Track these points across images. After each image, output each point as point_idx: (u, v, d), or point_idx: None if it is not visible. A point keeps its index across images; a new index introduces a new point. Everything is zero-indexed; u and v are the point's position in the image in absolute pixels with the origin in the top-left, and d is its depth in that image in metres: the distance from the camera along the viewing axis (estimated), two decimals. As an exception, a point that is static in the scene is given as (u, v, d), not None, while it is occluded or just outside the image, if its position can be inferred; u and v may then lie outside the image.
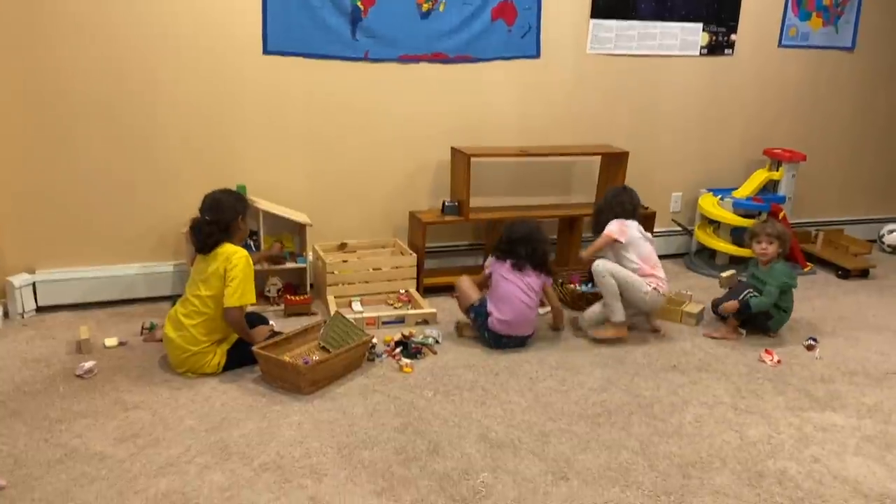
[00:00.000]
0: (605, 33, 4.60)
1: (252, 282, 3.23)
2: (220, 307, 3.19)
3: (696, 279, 4.82)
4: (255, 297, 3.26)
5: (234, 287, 3.15)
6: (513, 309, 3.56)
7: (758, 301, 3.77)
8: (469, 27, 4.28)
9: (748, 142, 5.22)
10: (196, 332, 3.17)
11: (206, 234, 3.22)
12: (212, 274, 3.18)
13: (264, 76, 3.97)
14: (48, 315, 3.82)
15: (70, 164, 3.77)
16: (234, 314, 3.20)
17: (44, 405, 2.94)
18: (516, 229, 3.71)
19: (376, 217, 4.44)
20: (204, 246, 3.23)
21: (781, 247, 3.87)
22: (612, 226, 3.80)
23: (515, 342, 3.63)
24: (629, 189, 3.98)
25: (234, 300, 3.16)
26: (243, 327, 3.27)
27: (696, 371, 3.47)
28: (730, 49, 4.95)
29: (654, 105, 4.88)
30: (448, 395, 3.15)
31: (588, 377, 3.36)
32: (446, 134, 4.41)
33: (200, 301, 3.19)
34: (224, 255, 3.19)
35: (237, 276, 3.15)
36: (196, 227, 3.25)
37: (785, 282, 3.81)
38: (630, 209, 3.87)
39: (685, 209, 5.21)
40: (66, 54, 3.62)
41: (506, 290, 3.60)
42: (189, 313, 3.20)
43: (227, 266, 3.16)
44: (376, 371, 3.34)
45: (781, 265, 3.87)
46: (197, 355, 3.18)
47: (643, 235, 3.83)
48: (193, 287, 3.25)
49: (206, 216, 3.24)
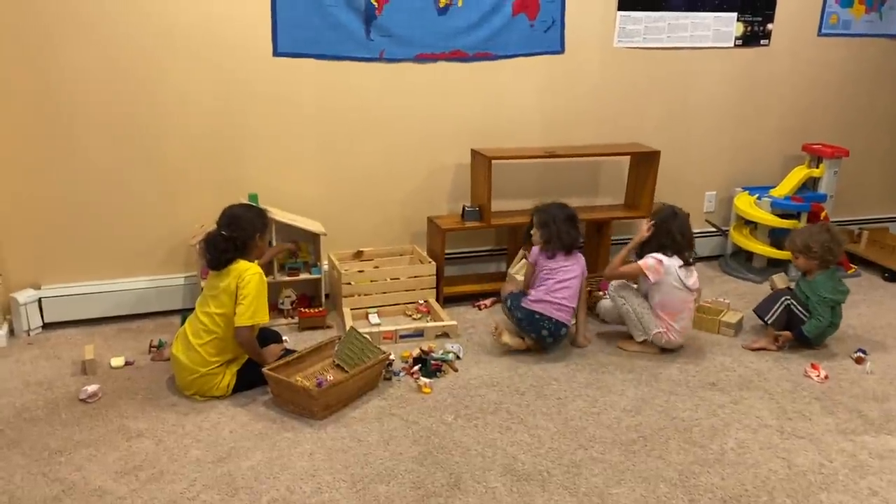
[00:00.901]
0: (634, 26, 4.35)
1: (265, 300, 3.06)
2: (230, 326, 3.01)
3: (732, 283, 4.57)
4: (267, 316, 3.09)
5: (247, 305, 2.98)
6: (555, 286, 3.46)
7: (810, 326, 3.51)
8: (489, 22, 4.05)
9: (785, 137, 4.93)
10: (205, 351, 3.01)
11: (220, 250, 3.05)
12: (223, 291, 3.01)
13: (275, 79, 3.79)
14: (54, 332, 3.68)
15: (75, 173, 3.62)
16: (246, 334, 3.02)
17: (44, 434, 2.79)
18: (557, 211, 3.55)
19: (393, 223, 4.25)
20: (218, 262, 3.06)
21: (813, 258, 3.52)
22: (650, 260, 3.45)
23: (550, 327, 3.42)
24: (680, 215, 3.54)
25: (246, 319, 2.98)
26: (254, 347, 3.10)
27: (736, 389, 3.23)
28: (766, 39, 4.67)
29: (685, 100, 4.63)
30: (470, 419, 2.94)
31: (620, 397, 3.14)
32: (465, 135, 4.20)
33: (210, 319, 3.02)
34: (236, 272, 3.02)
35: (249, 294, 2.98)
36: (211, 241, 3.08)
37: (825, 297, 3.50)
38: (680, 241, 3.47)
39: (719, 209, 4.95)
40: (69, 58, 3.46)
41: (551, 270, 3.50)
42: (197, 332, 3.04)
43: (240, 283, 2.99)
44: (393, 392, 3.15)
45: (823, 278, 3.54)
46: (205, 377, 3.01)
47: (681, 282, 3.43)
48: (203, 304, 3.08)
49: (224, 231, 3.07)
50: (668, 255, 3.47)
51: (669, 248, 3.48)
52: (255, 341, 3.09)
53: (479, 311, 4.05)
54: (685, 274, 3.47)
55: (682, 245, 3.48)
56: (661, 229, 3.50)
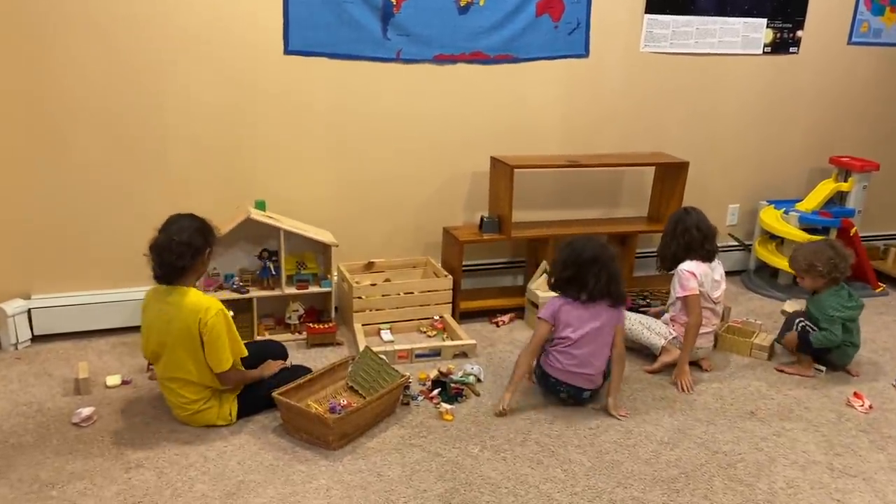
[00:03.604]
0: (661, 30, 4.15)
1: (235, 332, 2.77)
2: (201, 369, 2.71)
3: (756, 301, 4.38)
4: (244, 348, 2.81)
5: (221, 349, 2.68)
6: (581, 344, 2.94)
7: (817, 337, 3.32)
8: (511, 23, 3.84)
9: (812, 149, 4.75)
10: (186, 393, 2.75)
11: (176, 255, 2.64)
12: (180, 333, 2.66)
13: (285, 79, 3.56)
14: (44, 346, 3.43)
15: (69, 176, 3.38)
16: (230, 376, 2.76)
17: (34, 463, 2.55)
18: (582, 248, 2.98)
19: (407, 233, 4.02)
20: (172, 273, 2.69)
21: (819, 276, 3.34)
22: (691, 282, 3.29)
23: (569, 391, 3.01)
24: (693, 211, 3.43)
25: (225, 363, 2.71)
26: (243, 377, 2.85)
27: (777, 419, 3.03)
28: (795, 47, 4.48)
29: (710, 109, 4.43)
30: (497, 451, 2.72)
31: (656, 427, 2.93)
32: (484, 141, 3.98)
33: (174, 363, 2.71)
34: (193, 309, 2.64)
35: (219, 337, 2.67)
36: (163, 246, 2.66)
37: (832, 315, 3.30)
38: (697, 236, 3.34)
39: (742, 222, 4.75)
40: (63, 54, 3.22)
41: (575, 324, 2.96)
42: (168, 375, 2.75)
43: (202, 328, 2.64)
44: (412, 418, 2.92)
45: (828, 295, 3.35)
46: (200, 413, 2.77)
47: (708, 296, 3.36)
48: (152, 344, 2.74)
49: (175, 237, 2.67)
50: (693, 257, 3.36)
51: (692, 244, 3.35)
52: (240, 374, 2.84)
53: (497, 328, 3.83)
54: (711, 284, 3.37)
55: (703, 238, 3.36)
56: (678, 229, 3.39)
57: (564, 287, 3.03)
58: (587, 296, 2.96)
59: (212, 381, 2.76)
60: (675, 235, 3.40)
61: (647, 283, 4.28)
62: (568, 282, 3.01)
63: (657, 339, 3.40)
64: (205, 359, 2.70)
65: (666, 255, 3.46)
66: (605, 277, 2.95)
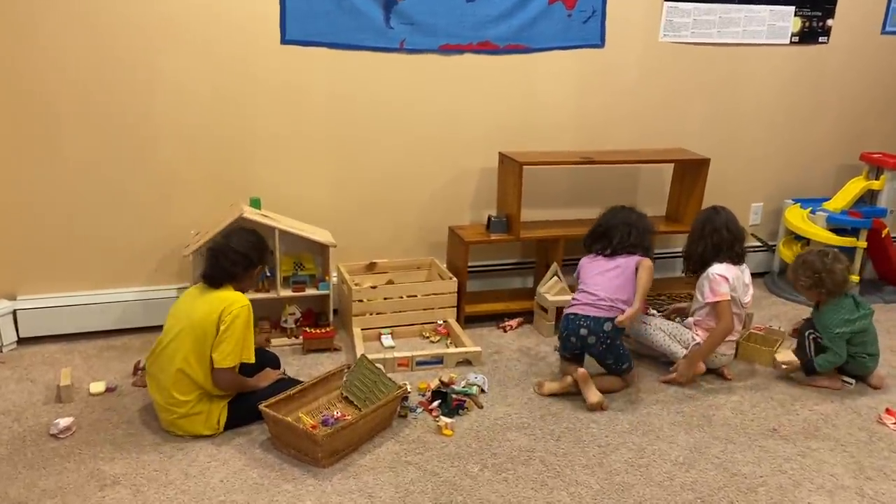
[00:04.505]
0: (681, 18, 3.92)
1: (252, 336, 2.66)
2: (202, 364, 2.58)
3: (780, 306, 4.15)
4: (252, 355, 2.67)
5: (232, 344, 2.57)
6: (593, 284, 3.10)
7: (820, 361, 3.12)
8: (522, 11, 3.63)
9: (841, 145, 4.50)
10: (176, 390, 2.60)
11: (230, 262, 2.67)
12: (200, 320, 2.57)
13: (282, 70, 3.38)
14: (30, 349, 3.30)
15: (55, 171, 3.23)
16: (227, 377, 2.62)
17: (5, 477, 2.40)
18: (614, 214, 3.26)
19: (410, 233, 3.84)
20: (221, 278, 2.66)
21: (803, 289, 3.21)
22: (722, 287, 3.14)
23: (588, 325, 3.01)
24: (723, 211, 3.29)
25: (230, 360, 2.58)
26: (239, 384, 2.71)
27: (802, 437, 2.81)
28: (824, 37, 4.23)
29: (733, 102, 4.19)
30: (499, 470, 2.53)
31: (670, 445, 2.73)
32: (493, 136, 3.78)
33: (178, 352, 2.58)
34: (222, 300, 2.60)
35: (236, 331, 2.57)
36: (220, 251, 2.68)
37: (836, 333, 3.08)
38: (727, 237, 3.20)
39: (765, 222, 4.52)
40: (47, 44, 3.07)
41: (586, 270, 3.20)
42: (162, 366, 2.63)
43: (224, 315, 2.56)
44: (410, 433, 2.74)
45: (828, 311, 3.14)
46: (187, 418, 2.61)
47: (738, 301, 3.22)
48: (172, 331, 2.64)
49: (235, 245, 2.69)
50: (721, 259, 3.20)
51: (722, 245, 3.21)
52: (237, 380, 2.69)
53: (504, 334, 3.64)
54: (742, 289, 3.22)
55: (733, 239, 3.22)
56: (707, 229, 3.24)
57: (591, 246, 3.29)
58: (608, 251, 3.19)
59: (205, 380, 2.61)
60: (704, 236, 3.24)
61: (665, 285, 4.07)
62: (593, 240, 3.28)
63: (678, 347, 3.20)
64: (210, 354, 2.57)
65: (692, 257, 3.29)
66: (626, 235, 3.18)
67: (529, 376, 3.20)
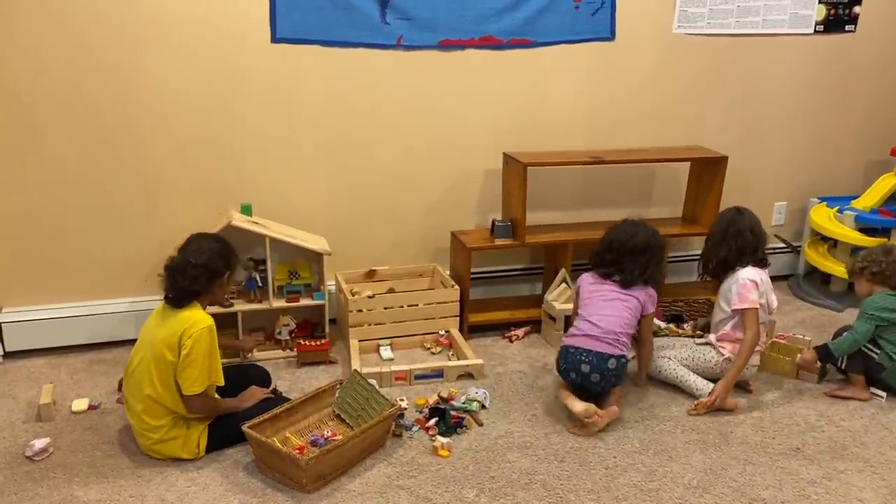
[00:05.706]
0: (697, 8, 3.70)
1: (218, 357, 2.49)
2: (169, 389, 2.44)
3: (806, 311, 3.92)
4: (222, 377, 2.52)
5: (197, 370, 2.41)
6: (598, 314, 2.86)
7: (838, 342, 2.98)
8: (527, 3, 3.45)
9: (870, 140, 4.26)
10: (148, 417, 2.46)
11: (190, 279, 2.48)
12: (163, 340, 2.42)
13: (273, 69, 3.24)
14: (15, 363, 3.18)
15: (40, 178, 3.12)
16: (197, 403, 2.48)
17: (-26, 504, 2.28)
18: (630, 235, 2.97)
19: (412, 238, 3.68)
20: (183, 296, 2.49)
21: (863, 280, 3.05)
22: (752, 294, 2.94)
23: (590, 360, 2.77)
24: (746, 212, 3.09)
25: (197, 386, 2.43)
26: (215, 408, 2.56)
27: (828, 458, 2.60)
28: (852, 25, 3.99)
29: (754, 96, 3.97)
30: (497, 496, 2.36)
31: (684, 466, 2.53)
32: (497, 136, 3.60)
33: (144, 377, 2.44)
34: (182, 321, 2.44)
35: (199, 356, 2.41)
36: (177, 268, 2.50)
37: (867, 313, 2.95)
38: (752, 240, 3.01)
39: (790, 221, 4.29)
40: (27, 44, 2.94)
41: (591, 294, 2.95)
42: (132, 391, 2.50)
43: (184, 338, 2.40)
44: (403, 454, 2.58)
45: (880, 295, 2.99)
46: (163, 443, 2.47)
47: (767, 307, 3.04)
48: (136, 358, 2.51)
49: (192, 259, 2.51)
50: (744, 264, 3.02)
51: (745, 249, 3.01)
52: (211, 403, 2.54)
53: (509, 344, 3.46)
54: (770, 294, 3.05)
55: (757, 242, 3.04)
56: (730, 231, 3.05)
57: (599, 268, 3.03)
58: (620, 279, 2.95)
59: (175, 405, 2.47)
60: (727, 238, 3.03)
61: (681, 290, 3.85)
62: (606, 264, 3.00)
63: (703, 382, 2.97)
64: (174, 378, 2.42)
65: (712, 261, 3.08)
66: (644, 264, 2.95)
67: (534, 390, 3.03)
